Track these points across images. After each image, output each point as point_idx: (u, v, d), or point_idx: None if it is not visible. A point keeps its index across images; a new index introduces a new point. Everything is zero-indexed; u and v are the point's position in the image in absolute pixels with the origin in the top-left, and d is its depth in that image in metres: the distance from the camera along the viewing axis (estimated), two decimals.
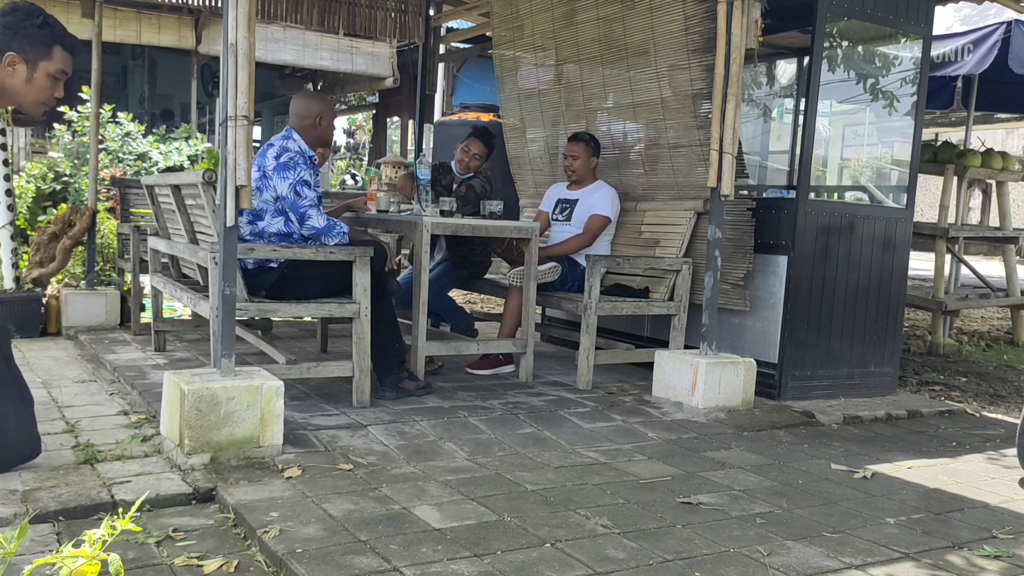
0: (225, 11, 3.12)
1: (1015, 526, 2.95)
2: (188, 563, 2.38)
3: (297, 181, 3.90)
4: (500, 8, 6.13)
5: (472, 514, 2.75)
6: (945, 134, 11.80)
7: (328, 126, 4.19)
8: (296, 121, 4.08)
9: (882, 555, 2.62)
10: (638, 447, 3.63)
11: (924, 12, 4.89)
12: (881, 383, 4.94)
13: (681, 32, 4.72)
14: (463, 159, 5.28)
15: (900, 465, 3.63)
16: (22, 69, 2.73)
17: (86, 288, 5.99)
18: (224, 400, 3.10)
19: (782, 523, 2.85)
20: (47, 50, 2.76)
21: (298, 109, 4.10)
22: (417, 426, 3.66)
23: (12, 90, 2.73)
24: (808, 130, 4.56)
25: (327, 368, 3.94)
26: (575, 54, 5.55)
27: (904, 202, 5.03)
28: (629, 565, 2.43)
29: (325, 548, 2.42)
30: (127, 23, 11.64)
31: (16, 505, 2.63)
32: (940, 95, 7.73)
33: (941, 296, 6.82)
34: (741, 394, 4.28)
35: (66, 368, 4.69)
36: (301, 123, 4.07)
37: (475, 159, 5.28)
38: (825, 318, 4.68)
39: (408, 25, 7.17)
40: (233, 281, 3.26)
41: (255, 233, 3.99)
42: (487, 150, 5.32)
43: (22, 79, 2.74)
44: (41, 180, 7.94)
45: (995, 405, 5.11)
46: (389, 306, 4.10)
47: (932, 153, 7.06)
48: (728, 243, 4.46)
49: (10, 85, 2.73)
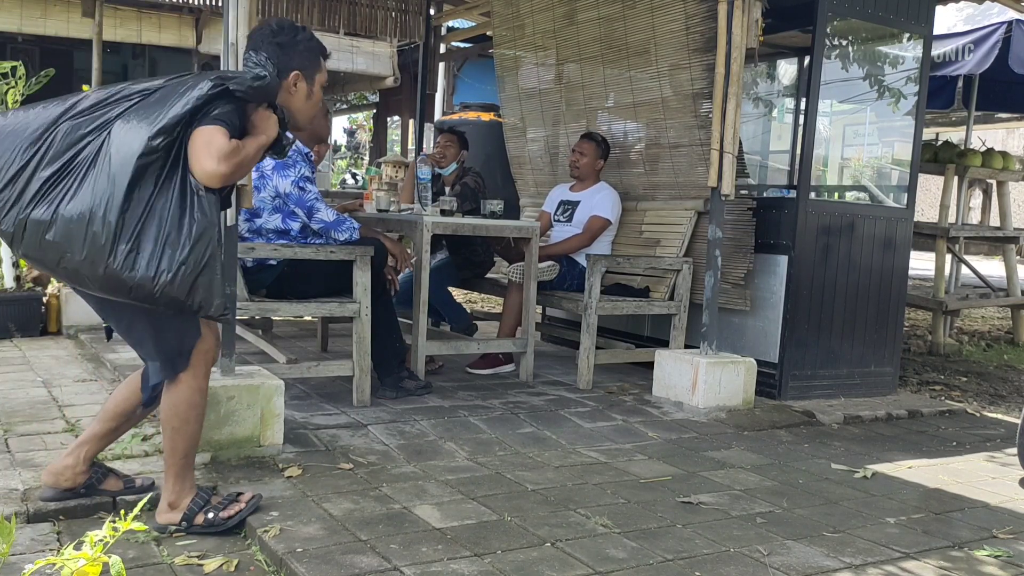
0: (225, 11, 3.13)
1: (1015, 526, 2.95)
2: (188, 562, 2.38)
3: (299, 178, 3.93)
4: (501, 7, 6.12)
5: (472, 513, 2.75)
6: (946, 134, 11.80)
7: (320, 122, 4.19)
8: None
9: (882, 555, 2.62)
10: (638, 447, 3.63)
11: (924, 12, 4.89)
12: (881, 383, 4.94)
13: (682, 31, 4.72)
14: (437, 153, 5.35)
15: (900, 465, 3.63)
16: (303, 86, 2.69)
17: None
18: (224, 399, 3.10)
19: (782, 523, 2.85)
20: (318, 62, 2.72)
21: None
22: (417, 425, 3.66)
23: (295, 110, 2.68)
24: (809, 130, 4.56)
25: (327, 367, 3.94)
26: (576, 53, 5.55)
27: (904, 202, 5.03)
28: (629, 565, 2.43)
29: (325, 547, 2.42)
30: (127, 22, 11.63)
31: (16, 504, 2.63)
32: (941, 95, 7.73)
33: (941, 296, 6.82)
34: (741, 394, 4.28)
35: (66, 367, 4.69)
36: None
37: (448, 147, 5.33)
38: (826, 318, 4.68)
39: (409, 24, 7.17)
40: (233, 281, 3.26)
41: (253, 231, 4.00)
42: (455, 136, 5.37)
43: (303, 96, 2.70)
44: None
45: (995, 405, 5.11)
46: (389, 305, 4.10)
47: (933, 153, 7.06)
48: (728, 243, 4.46)
49: (294, 105, 2.67)
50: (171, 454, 2.56)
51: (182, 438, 2.54)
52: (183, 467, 2.57)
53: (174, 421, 2.53)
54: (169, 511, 2.57)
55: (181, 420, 2.53)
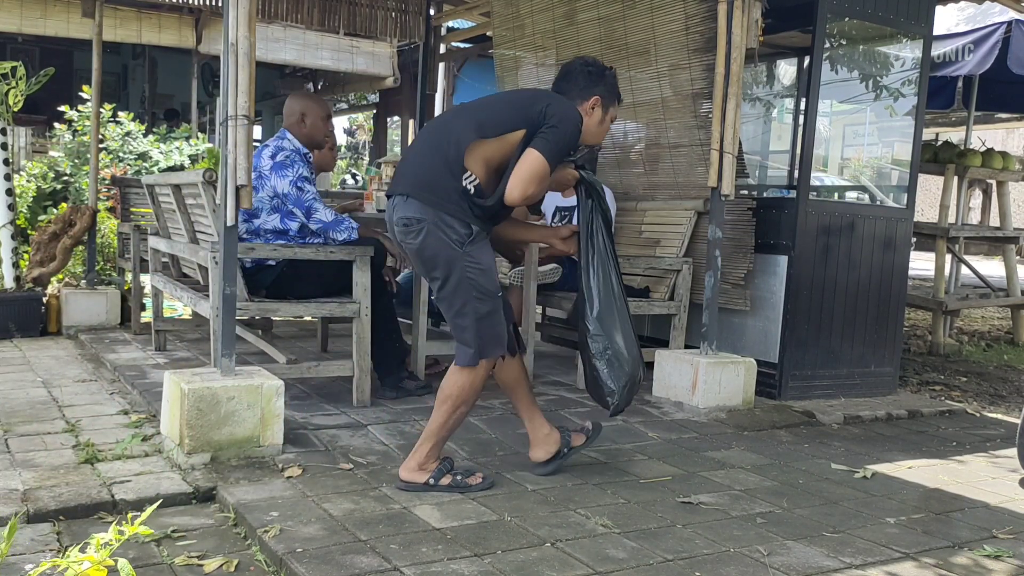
0: (225, 11, 3.12)
1: (1015, 526, 2.95)
2: (188, 562, 2.38)
3: (297, 178, 3.92)
4: (500, 8, 6.12)
5: (472, 514, 2.75)
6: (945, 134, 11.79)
7: (314, 122, 4.10)
8: (285, 121, 4.14)
9: (882, 555, 2.62)
10: (638, 447, 3.63)
11: (924, 12, 4.89)
12: (881, 383, 4.94)
13: (682, 32, 4.72)
14: None
15: (900, 465, 3.63)
16: (599, 112, 3.09)
17: (86, 287, 6.00)
18: (224, 400, 3.10)
19: (782, 523, 2.85)
20: (615, 98, 3.15)
21: (285, 109, 4.17)
22: (417, 426, 3.66)
23: (585, 129, 3.01)
24: (808, 130, 4.56)
25: (327, 368, 3.94)
26: (576, 53, 5.53)
27: (904, 202, 5.03)
28: (629, 565, 2.43)
29: (325, 547, 2.43)
30: (127, 22, 11.63)
31: (16, 504, 2.63)
32: (941, 95, 7.73)
33: (941, 296, 6.82)
34: (741, 394, 4.28)
35: (66, 367, 4.69)
36: (289, 121, 4.12)
37: None
38: (825, 318, 4.68)
39: (408, 25, 7.16)
40: (233, 281, 3.26)
41: (251, 231, 3.99)
42: None
43: (596, 120, 3.08)
44: (42, 179, 7.95)
45: (995, 405, 5.11)
46: (389, 306, 4.10)
47: (933, 153, 7.06)
48: (728, 243, 4.46)
49: (586, 125, 3.02)
50: (439, 426, 2.93)
51: (456, 414, 2.93)
52: (442, 439, 2.97)
53: (457, 398, 2.90)
54: (417, 470, 2.93)
55: (462, 400, 2.91)
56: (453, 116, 3.12)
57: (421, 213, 2.83)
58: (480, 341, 2.88)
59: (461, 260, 2.83)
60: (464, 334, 2.90)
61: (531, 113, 2.86)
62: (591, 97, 3.05)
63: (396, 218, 2.91)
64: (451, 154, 2.84)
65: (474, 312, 2.86)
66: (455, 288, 2.86)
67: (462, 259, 2.83)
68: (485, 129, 2.86)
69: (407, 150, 3.04)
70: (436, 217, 2.82)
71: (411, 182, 2.89)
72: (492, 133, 2.86)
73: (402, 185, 2.91)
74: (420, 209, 2.83)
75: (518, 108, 2.91)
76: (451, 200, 2.82)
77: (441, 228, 2.82)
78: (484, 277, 2.87)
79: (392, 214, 2.94)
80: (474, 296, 2.86)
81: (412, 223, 2.85)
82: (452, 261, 2.83)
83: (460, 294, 2.86)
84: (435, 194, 2.83)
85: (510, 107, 2.95)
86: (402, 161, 3.08)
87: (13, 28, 11.11)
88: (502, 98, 3.22)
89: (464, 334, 2.90)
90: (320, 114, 4.13)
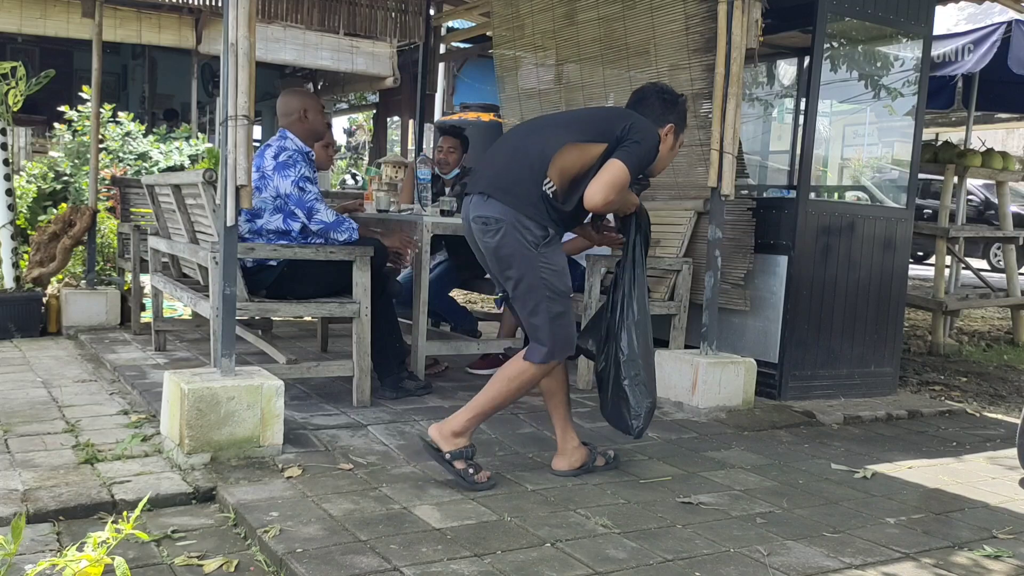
0: (225, 11, 3.12)
1: (1015, 526, 2.95)
2: (188, 563, 2.38)
3: (299, 178, 3.91)
4: (500, 8, 6.13)
5: (472, 514, 2.75)
6: (945, 134, 11.79)
7: (316, 118, 4.13)
8: (283, 120, 4.09)
9: (882, 555, 2.62)
10: (638, 447, 3.62)
11: (924, 12, 4.89)
12: (881, 383, 4.94)
13: (681, 32, 4.72)
14: (440, 158, 5.33)
15: (900, 465, 3.63)
16: (670, 139, 3.18)
17: (86, 288, 6.00)
18: (224, 400, 3.10)
19: (782, 523, 2.85)
20: (685, 125, 3.27)
21: (282, 108, 4.11)
22: (417, 426, 3.66)
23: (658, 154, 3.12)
24: (808, 130, 4.56)
25: (327, 368, 3.94)
26: (576, 54, 5.55)
27: (904, 202, 5.03)
28: (629, 565, 2.43)
29: (325, 548, 2.42)
30: (127, 23, 11.64)
31: (16, 504, 2.63)
32: (940, 95, 7.73)
33: (941, 296, 6.82)
34: (741, 394, 4.28)
35: (66, 368, 4.69)
36: (289, 120, 4.08)
37: (451, 152, 5.32)
38: (825, 318, 4.68)
39: (408, 25, 7.17)
40: (233, 281, 3.26)
41: (253, 231, 3.99)
42: (459, 140, 5.36)
43: (668, 147, 3.18)
44: (42, 180, 7.95)
45: (995, 405, 5.11)
46: (389, 306, 4.10)
47: (932, 153, 7.05)
48: (728, 243, 4.46)
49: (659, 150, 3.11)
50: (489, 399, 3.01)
51: (507, 398, 3.04)
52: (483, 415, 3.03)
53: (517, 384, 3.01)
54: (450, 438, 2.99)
55: (519, 388, 3.02)
56: (539, 125, 3.23)
57: (500, 213, 2.93)
58: (553, 340, 2.98)
59: (536, 260, 2.94)
60: (538, 333, 2.99)
61: (614, 129, 2.98)
62: (666, 124, 3.15)
63: (474, 216, 3.00)
64: (535, 160, 2.95)
65: (547, 312, 2.96)
66: (529, 288, 2.96)
67: (537, 259, 2.94)
68: (571, 139, 2.98)
69: (489, 153, 3.17)
70: (514, 218, 2.92)
71: (492, 183, 2.99)
72: (576, 143, 2.98)
73: (482, 184, 3.02)
74: (499, 209, 2.94)
75: (602, 122, 3.04)
76: (530, 203, 2.92)
77: (518, 229, 2.92)
78: (557, 278, 2.98)
79: (469, 211, 3.04)
80: (547, 296, 2.96)
81: (491, 222, 2.95)
82: (527, 261, 2.94)
83: (533, 294, 2.96)
84: (515, 196, 2.93)
85: (594, 121, 3.09)
86: (483, 163, 3.18)
87: (13, 28, 11.12)
88: (587, 112, 3.44)
89: (538, 333, 2.99)
90: (318, 107, 4.18)
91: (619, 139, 2.95)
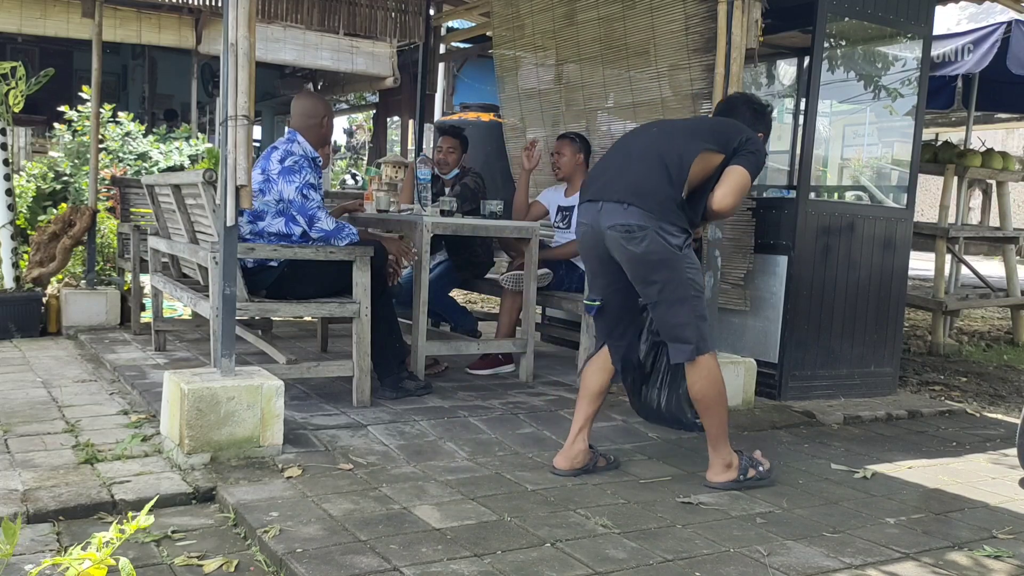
0: (225, 11, 3.12)
1: (1015, 526, 2.95)
2: (188, 563, 2.38)
3: (303, 184, 3.90)
4: (500, 8, 6.12)
5: (472, 514, 2.75)
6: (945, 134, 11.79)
7: (330, 125, 4.23)
8: (302, 121, 4.06)
9: (882, 555, 2.62)
10: (638, 447, 3.63)
11: (924, 12, 4.89)
12: (881, 383, 4.94)
13: (681, 32, 4.72)
14: (440, 158, 5.30)
15: (900, 465, 3.63)
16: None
17: (86, 288, 6.00)
18: (224, 400, 3.10)
19: (782, 523, 2.85)
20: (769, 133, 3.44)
21: (304, 109, 4.09)
22: (417, 426, 3.66)
23: None
24: (808, 130, 4.56)
25: (327, 368, 3.94)
26: (575, 54, 5.55)
27: (904, 202, 5.03)
28: (629, 565, 2.43)
29: (325, 548, 2.43)
30: (127, 23, 11.63)
31: (16, 504, 2.63)
32: (940, 95, 7.72)
33: (941, 296, 6.82)
34: (741, 394, 4.28)
35: (66, 368, 4.69)
36: (307, 123, 4.06)
37: (451, 153, 5.28)
38: (825, 318, 4.68)
39: (408, 25, 7.16)
40: (233, 281, 3.26)
41: (255, 233, 3.99)
42: (459, 140, 5.34)
43: None
44: (41, 180, 7.95)
45: (995, 405, 5.11)
46: (389, 306, 4.10)
47: (932, 153, 7.05)
48: (728, 243, 4.46)
49: None
50: (713, 424, 3.14)
51: (717, 406, 3.13)
52: (724, 432, 3.16)
53: (710, 393, 3.11)
54: (725, 471, 3.17)
55: (715, 392, 3.11)
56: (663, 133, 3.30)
57: (644, 220, 3.02)
58: (699, 335, 3.09)
59: (682, 262, 3.06)
60: (684, 331, 3.09)
61: (732, 142, 3.14)
62: (756, 134, 3.29)
63: (613, 223, 3.07)
64: (674, 168, 3.06)
65: (693, 309, 3.08)
66: (676, 287, 3.05)
67: (683, 260, 3.06)
68: (704, 148, 3.10)
69: (609, 161, 3.26)
70: (657, 225, 3.02)
71: (631, 191, 3.07)
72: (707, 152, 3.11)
73: (619, 193, 3.09)
74: (643, 216, 3.02)
75: (721, 134, 3.18)
76: (671, 209, 3.04)
77: (662, 235, 3.02)
78: (699, 276, 3.14)
79: (602, 219, 3.10)
80: (693, 294, 3.08)
81: (635, 230, 3.03)
82: (675, 264, 3.05)
83: (680, 293, 3.06)
84: (657, 203, 3.03)
85: (714, 132, 3.21)
86: (604, 171, 3.24)
87: (13, 28, 11.11)
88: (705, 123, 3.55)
89: (684, 331, 3.09)
90: (331, 114, 4.23)
91: (735, 150, 3.11)
